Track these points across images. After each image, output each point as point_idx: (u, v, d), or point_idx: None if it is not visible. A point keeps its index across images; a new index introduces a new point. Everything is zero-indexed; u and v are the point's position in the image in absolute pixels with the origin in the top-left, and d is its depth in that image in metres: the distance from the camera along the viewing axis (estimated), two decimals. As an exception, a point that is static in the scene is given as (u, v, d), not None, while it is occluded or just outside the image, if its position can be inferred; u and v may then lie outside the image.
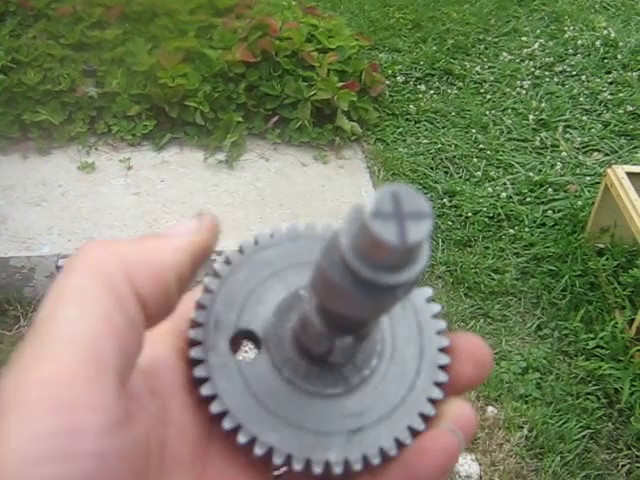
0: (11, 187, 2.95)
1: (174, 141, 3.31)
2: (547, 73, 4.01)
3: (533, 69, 4.03)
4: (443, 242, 2.94)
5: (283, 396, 0.36)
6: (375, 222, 0.28)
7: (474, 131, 3.54)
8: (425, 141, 3.48)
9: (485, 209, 3.07)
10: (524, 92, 3.84)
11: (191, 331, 0.37)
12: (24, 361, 0.29)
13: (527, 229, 2.99)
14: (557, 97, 3.81)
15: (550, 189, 3.19)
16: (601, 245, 2.80)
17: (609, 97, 3.80)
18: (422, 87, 3.87)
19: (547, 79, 3.97)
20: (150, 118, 3.29)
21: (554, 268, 2.80)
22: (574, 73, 4.02)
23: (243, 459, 0.36)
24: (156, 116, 3.31)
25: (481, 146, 3.45)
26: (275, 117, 3.36)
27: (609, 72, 4.03)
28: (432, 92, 3.84)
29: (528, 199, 3.15)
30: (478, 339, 0.38)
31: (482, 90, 3.87)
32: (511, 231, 2.98)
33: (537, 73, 4.00)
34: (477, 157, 3.38)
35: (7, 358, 2.38)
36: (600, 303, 2.63)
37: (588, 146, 3.50)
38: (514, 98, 3.80)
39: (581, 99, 3.80)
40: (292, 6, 3.87)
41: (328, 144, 3.36)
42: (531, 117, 3.63)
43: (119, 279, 0.32)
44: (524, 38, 4.32)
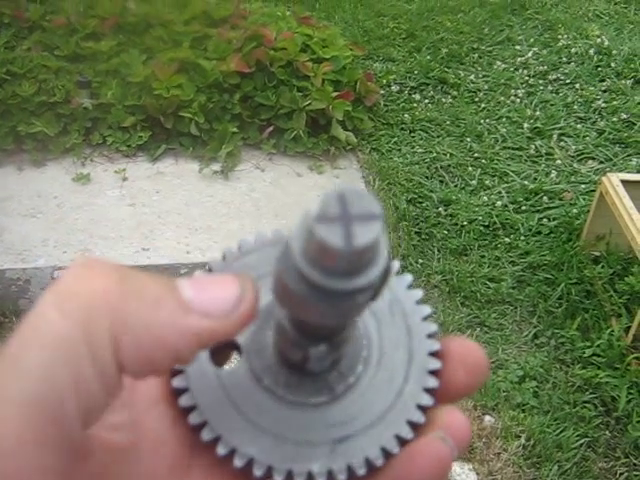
0: (6, 199, 2.95)
1: (169, 152, 3.31)
2: (541, 81, 4.02)
3: (527, 77, 4.04)
4: (439, 251, 2.94)
5: (264, 406, 0.35)
6: (320, 226, 0.27)
7: (469, 140, 3.55)
8: (420, 150, 3.49)
9: (480, 218, 3.07)
10: (518, 100, 3.85)
11: None
12: None
13: (523, 237, 3.00)
14: (551, 105, 3.82)
15: (545, 197, 3.19)
16: (597, 253, 2.81)
17: (603, 105, 3.81)
18: (417, 96, 3.87)
19: (541, 87, 3.98)
20: (145, 129, 3.29)
21: (550, 276, 2.80)
22: (568, 81, 4.03)
23: (226, 470, 0.34)
24: (151, 127, 3.30)
25: (476, 155, 3.45)
26: (270, 127, 3.36)
27: (603, 80, 4.05)
28: (427, 101, 3.84)
29: (523, 207, 3.15)
30: (471, 343, 0.36)
31: (476, 99, 3.87)
32: (507, 240, 2.99)
33: (531, 82, 4.01)
34: (472, 166, 3.39)
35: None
36: (596, 311, 2.63)
37: (583, 154, 3.51)
38: (508, 107, 3.80)
39: (575, 107, 3.81)
40: (286, 16, 3.87)
41: (323, 154, 3.36)
42: (526, 125, 3.64)
43: (103, 343, 0.28)
44: (518, 47, 4.34)
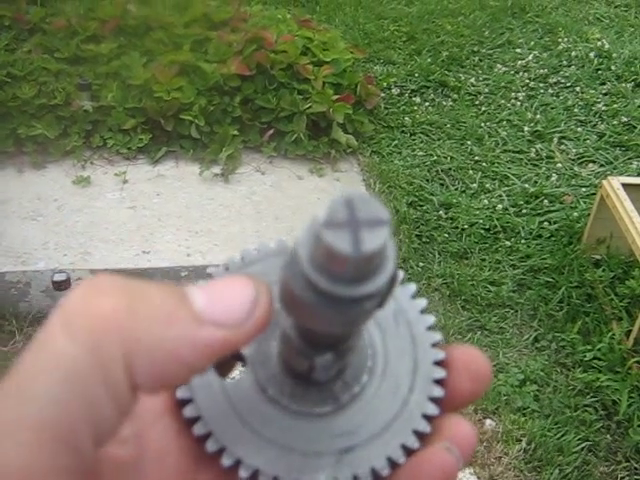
0: (6, 202, 2.94)
1: (170, 155, 3.30)
2: (541, 85, 4.03)
3: (527, 81, 4.04)
4: (439, 254, 2.94)
5: (269, 416, 0.35)
6: (328, 232, 0.27)
7: (469, 143, 3.54)
8: (421, 153, 3.48)
9: (481, 221, 3.07)
10: (519, 104, 3.85)
11: None
12: None
13: (523, 241, 2.99)
14: (552, 108, 3.82)
15: (546, 200, 3.19)
16: (597, 256, 2.80)
17: (604, 108, 3.81)
18: (417, 99, 3.87)
19: (542, 90, 3.98)
20: (145, 132, 3.29)
21: (551, 280, 2.80)
22: (568, 84, 4.03)
23: None
24: (151, 130, 3.30)
25: (476, 158, 3.45)
26: (270, 130, 3.36)
27: (603, 83, 4.05)
28: (427, 104, 3.84)
29: (524, 211, 3.15)
30: (476, 351, 0.36)
31: (477, 102, 3.87)
32: (507, 243, 2.98)
33: (532, 85, 4.01)
34: (473, 169, 3.39)
35: (1, 374, 2.37)
36: (597, 315, 2.63)
37: (583, 157, 3.51)
38: (509, 110, 3.80)
39: (576, 110, 3.81)
40: (287, 19, 3.87)
41: (324, 157, 3.36)
42: (526, 129, 3.64)
43: (115, 365, 0.28)
44: (518, 50, 4.34)
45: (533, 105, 3.84)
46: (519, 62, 4.20)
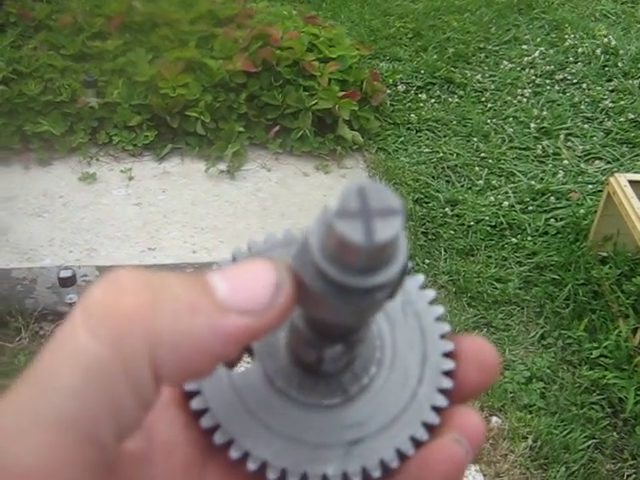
0: (12, 198, 2.95)
1: (175, 151, 3.30)
2: (548, 81, 4.01)
3: (534, 77, 4.03)
4: (445, 251, 2.93)
5: (277, 408, 0.35)
6: (340, 221, 0.27)
7: (475, 140, 3.54)
8: (427, 150, 3.48)
9: (487, 218, 3.06)
10: (525, 100, 3.84)
11: None
12: (10, 430, 0.25)
13: (530, 238, 2.99)
14: (558, 105, 3.81)
15: (552, 197, 3.18)
16: (604, 253, 2.79)
17: (610, 105, 3.80)
18: (423, 96, 3.87)
19: (548, 87, 3.96)
20: (151, 128, 3.29)
21: (557, 277, 2.79)
22: (575, 81, 4.02)
23: (241, 473, 0.34)
24: (157, 126, 3.30)
25: (483, 155, 3.44)
26: (276, 127, 3.35)
27: (610, 80, 4.03)
28: (433, 101, 3.84)
29: (530, 208, 3.14)
30: (484, 341, 0.36)
31: (483, 99, 3.86)
32: (514, 240, 2.98)
33: (538, 81, 4.00)
34: (479, 166, 3.38)
35: (8, 370, 2.37)
36: (604, 312, 2.62)
37: (590, 154, 3.50)
38: (515, 106, 3.79)
39: (582, 107, 3.80)
40: (293, 16, 3.87)
41: (330, 154, 3.35)
42: (532, 125, 3.63)
43: (138, 360, 0.27)
44: (524, 46, 4.32)
45: (539, 102, 3.83)
46: (525, 59, 4.18)
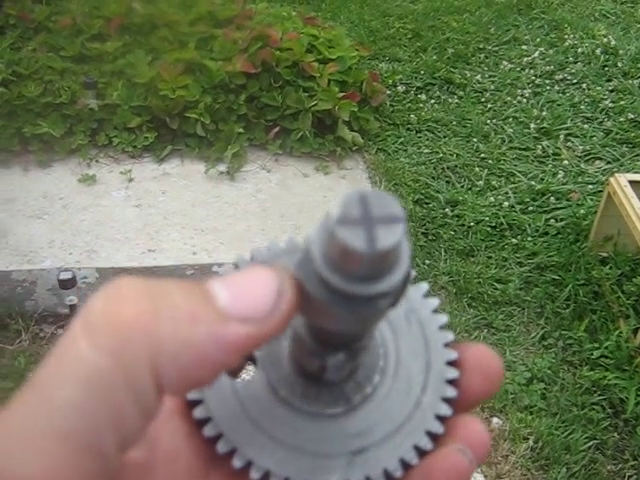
0: (12, 200, 2.95)
1: (175, 153, 3.30)
2: (548, 81, 4.01)
3: (534, 77, 4.03)
4: (446, 252, 2.93)
5: (280, 417, 0.35)
6: (342, 228, 0.27)
7: (475, 140, 3.53)
8: (426, 151, 3.48)
9: (487, 218, 3.06)
10: (525, 101, 3.84)
11: None
12: (15, 437, 0.25)
13: (530, 238, 2.99)
14: (558, 105, 3.81)
15: (552, 198, 3.18)
16: (604, 254, 2.79)
17: (610, 105, 3.79)
18: (423, 96, 3.86)
19: (548, 87, 3.96)
20: (151, 130, 3.29)
21: (557, 277, 2.79)
22: (575, 81, 4.02)
23: None
24: (157, 128, 3.30)
25: (483, 155, 3.44)
26: (276, 128, 3.35)
27: (610, 80, 4.03)
28: (433, 101, 3.83)
29: (530, 208, 3.14)
30: (487, 350, 0.36)
31: (483, 99, 3.86)
32: (514, 240, 2.97)
33: (538, 82, 4.00)
34: (479, 166, 3.38)
35: (8, 372, 2.37)
36: (604, 312, 2.62)
37: (590, 154, 3.49)
38: (515, 107, 3.79)
39: (582, 107, 3.80)
40: (292, 17, 3.87)
41: (329, 155, 3.35)
42: (532, 126, 3.63)
43: (140, 370, 0.27)
44: (524, 47, 4.32)
45: (539, 102, 3.83)
46: (525, 59, 4.18)
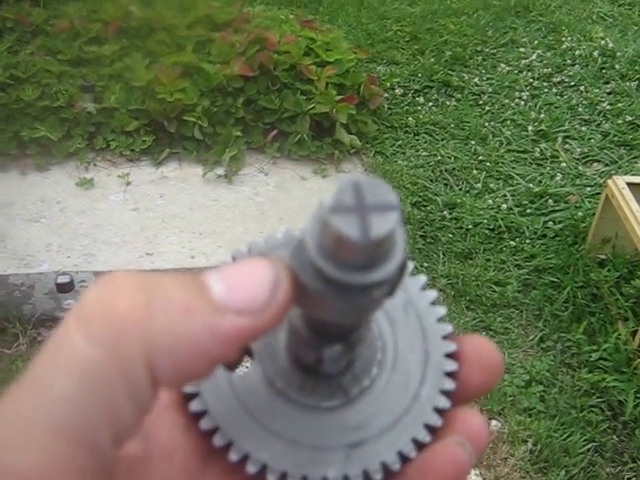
0: (10, 204, 2.94)
1: (173, 156, 3.30)
2: (545, 84, 4.01)
3: (531, 80, 4.03)
4: (444, 255, 2.93)
5: (277, 410, 0.34)
6: (335, 217, 0.26)
7: (473, 143, 3.54)
8: (424, 153, 3.48)
9: (485, 221, 3.06)
10: (523, 103, 3.84)
11: None
12: (10, 432, 0.25)
13: (528, 241, 2.98)
14: (556, 108, 3.81)
15: (550, 200, 3.18)
16: (602, 256, 2.79)
17: (608, 107, 3.80)
18: (420, 99, 3.87)
19: (545, 90, 3.97)
20: (149, 133, 3.28)
21: (556, 280, 2.79)
22: (572, 84, 4.02)
23: (241, 476, 0.33)
24: (155, 131, 3.30)
25: (480, 158, 3.44)
26: (274, 131, 3.35)
27: (607, 82, 4.04)
28: (431, 104, 3.84)
29: (528, 210, 3.14)
30: (487, 342, 0.35)
31: (481, 102, 3.86)
32: (512, 243, 2.97)
33: (535, 84, 4.00)
34: (477, 169, 3.38)
35: (6, 376, 2.37)
36: (602, 315, 2.62)
37: (588, 156, 3.49)
38: (513, 109, 3.79)
39: (580, 109, 3.80)
40: (290, 20, 3.87)
41: (327, 158, 3.35)
42: (530, 128, 3.63)
43: (135, 364, 0.27)
44: (522, 49, 4.33)
45: (537, 104, 3.83)
46: (523, 61, 4.19)
